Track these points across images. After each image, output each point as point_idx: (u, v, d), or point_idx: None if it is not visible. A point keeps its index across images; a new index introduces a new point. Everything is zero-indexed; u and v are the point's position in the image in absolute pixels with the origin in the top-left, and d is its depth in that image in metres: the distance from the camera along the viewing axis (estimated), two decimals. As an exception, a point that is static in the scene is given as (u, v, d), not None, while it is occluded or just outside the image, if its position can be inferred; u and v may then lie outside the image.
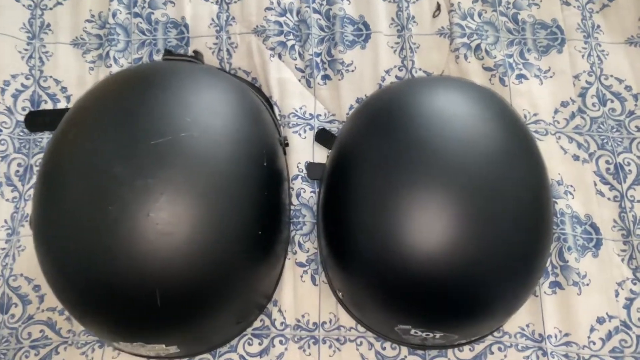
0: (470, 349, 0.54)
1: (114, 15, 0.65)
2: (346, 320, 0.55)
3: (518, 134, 0.51)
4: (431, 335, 0.49)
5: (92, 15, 0.67)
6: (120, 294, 0.45)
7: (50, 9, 0.67)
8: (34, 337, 0.56)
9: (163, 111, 0.47)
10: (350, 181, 0.50)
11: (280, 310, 0.56)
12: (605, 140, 0.60)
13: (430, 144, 0.48)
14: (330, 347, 0.55)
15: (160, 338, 0.48)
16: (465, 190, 0.46)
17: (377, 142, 0.50)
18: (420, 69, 0.63)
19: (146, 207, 0.43)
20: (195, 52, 0.58)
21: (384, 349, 0.55)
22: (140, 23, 0.66)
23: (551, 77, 0.62)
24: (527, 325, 0.55)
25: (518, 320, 0.55)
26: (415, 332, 0.49)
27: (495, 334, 0.55)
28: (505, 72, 0.61)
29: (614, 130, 0.60)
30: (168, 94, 0.49)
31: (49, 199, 0.47)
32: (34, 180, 0.61)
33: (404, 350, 0.54)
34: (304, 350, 0.54)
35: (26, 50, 0.65)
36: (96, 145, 0.46)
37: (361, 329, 0.55)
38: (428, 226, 0.46)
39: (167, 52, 0.58)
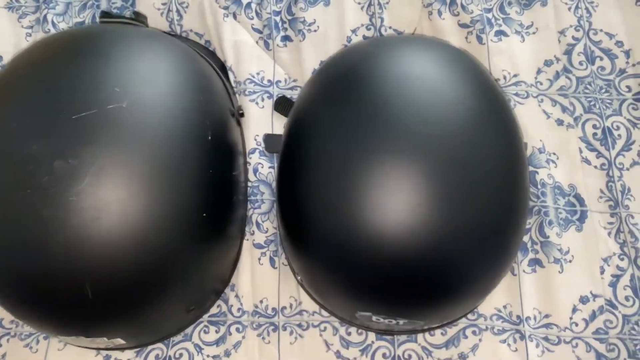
0: (442, 333, 0.50)
1: (51, -26, 0.59)
2: (309, 304, 0.51)
3: (491, 99, 0.46)
4: (394, 322, 0.45)
5: (28, -25, 0.60)
6: (48, 288, 0.41)
7: (-20, -31, 0.60)
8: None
9: (90, 81, 0.42)
10: (305, 154, 0.46)
11: (237, 296, 0.51)
12: (592, 103, 0.54)
13: (393, 111, 0.43)
14: (291, 333, 0.50)
15: (99, 331, 0.44)
16: (431, 162, 0.41)
17: (335, 110, 0.45)
18: (390, 27, 0.57)
19: (68, 191, 0.38)
20: (135, 13, 0.52)
21: (349, 334, 0.51)
22: (81, -18, 0.60)
23: (534, 33, 0.56)
24: (505, 307, 0.50)
25: (494, 302, 0.50)
26: (377, 319, 0.45)
27: (470, 316, 0.50)
28: (483, 29, 0.55)
29: (603, 91, 0.55)
30: (97, 61, 0.43)
31: None
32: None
33: (371, 335, 0.50)
34: (263, 338, 0.50)
35: (-45, 15, 0.59)
36: (13, 121, 0.41)
37: (325, 313, 0.51)
38: (390, 203, 0.41)
39: (104, 14, 0.52)
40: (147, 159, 0.41)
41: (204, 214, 0.44)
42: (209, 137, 0.45)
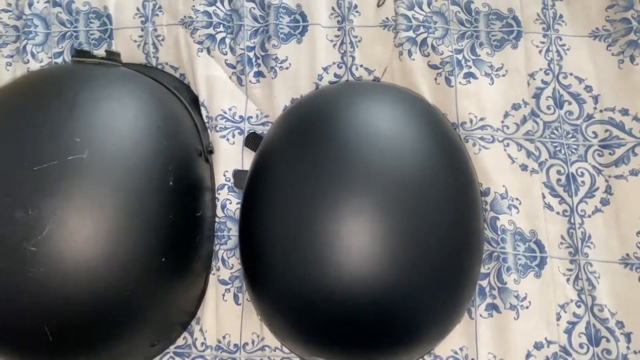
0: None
1: (30, 4, 0.60)
2: (271, 340, 0.53)
3: (447, 150, 0.48)
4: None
5: (9, 4, 0.61)
6: (11, 332, 0.42)
7: (-38, -2, 0.62)
8: None
9: (53, 131, 0.43)
10: (266, 195, 0.47)
11: (201, 330, 0.53)
12: (558, 148, 0.54)
13: (351, 159, 0.44)
14: (252, 369, 0.52)
15: None
16: (385, 209, 0.43)
17: (296, 155, 0.47)
18: (361, 66, 0.58)
19: (28, 241, 0.40)
20: (108, 52, 0.53)
21: (309, 371, 0.52)
22: (60, 13, 0.61)
23: (503, 75, 0.56)
24: (461, 349, 0.52)
25: (451, 344, 0.52)
26: (330, 364, 0.46)
27: (427, 357, 0.52)
28: (452, 71, 0.56)
29: (569, 136, 0.55)
30: (62, 110, 0.45)
31: None
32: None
33: (332, 373, 0.52)
34: (225, 373, 0.52)
35: (-63, 44, 0.60)
36: None
37: (286, 350, 0.52)
38: (344, 248, 0.43)
39: (78, 53, 0.53)
40: (105, 209, 0.42)
41: (163, 258, 0.46)
42: (170, 183, 0.47)
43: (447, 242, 0.44)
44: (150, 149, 0.46)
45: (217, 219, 0.55)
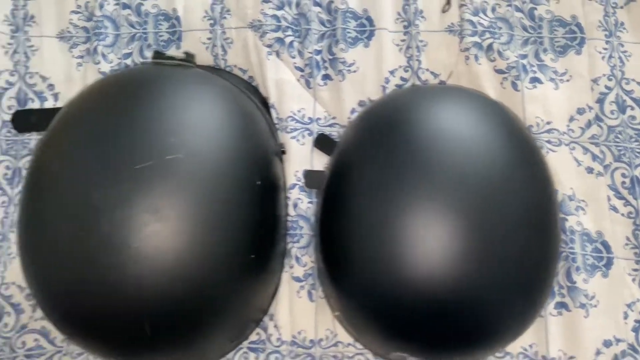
0: (467, 370, 0.53)
1: (101, 6, 0.61)
2: (344, 336, 0.54)
3: (524, 149, 0.49)
4: (427, 362, 0.47)
5: (79, 6, 0.63)
6: (109, 327, 0.44)
7: (34, -2, 0.63)
8: (28, 346, 0.55)
9: (147, 131, 0.44)
10: (348, 196, 0.48)
11: (276, 326, 0.54)
12: (622, 152, 0.56)
13: (432, 162, 0.46)
14: (326, 364, 0.53)
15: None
16: (467, 210, 0.44)
17: (379, 158, 0.48)
18: (427, 70, 0.59)
19: (129, 239, 0.41)
20: (186, 53, 0.54)
21: (381, 367, 0.53)
22: (130, 15, 0.62)
23: (568, 80, 0.58)
24: (530, 346, 0.53)
25: (521, 341, 0.53)
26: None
27: (497, 353, 0.53)
28: (519, 76, 0.57)
29: (633, 140, 0.56)
30: (153, 110, 0.46)
31: (31, 225, 0.45)
32: (22, 184, 0.59)
33: (402, 369, 0.53)
34: (300, 368, 0.53)
35: (10, 44, 0.61)
36: (75, 170, 0.43)
37: (360, 345, 0.54)
38: (426, 249, 0.44)
39: (157, 54, 0.54)
40: (202, 208, 0.44)
41: (252, 255, 0.47)
42: (258, 182, 0.48)
43: (530, 245, 0.46)
44: (239, 148, 0.48)
45: (289, 218, 0.56)
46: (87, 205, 0.42)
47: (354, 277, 0.47)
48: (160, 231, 0.42)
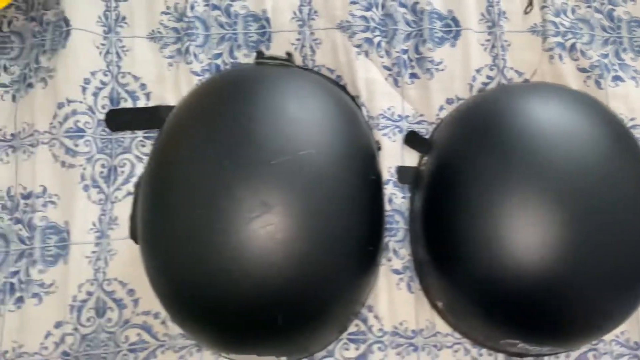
0: (566, 356, 0.55)
1: (192, 7, 0.63)
2: (442, 326, 0.56)
3: (628, 142, 0.50)
4: (539, 348, 0.49)
5: (168, 7, 0.64)
6: (244, 315, 0.45)
7: (125, 0, 0.64)
8: (131, 341, 0.56)
9: (273, 127, 0.46)
10: (456, 192, 0.50)
11: (376, 317, 0.56)
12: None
13: (536, 156, 0.47)
14: (428, 353, 0.55)
15: (276, 351, 0.49)
16: (574, 203, 0.46)
17: (483, 154, 0.50)
18: (512, 68, 0.62)
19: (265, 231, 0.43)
20: (288, 53, 0.56)
21: (480, 355, 0.55)
22: (219, 16, 0.64)
23: (648, 79, 0.60)
24: (622, 333, 0.55)
25: (612, 328, 0.55)
26: (523, 346, 0.49)
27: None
28: (602, 74, 0.60)
29: None
30: (278, 108, 0.47)
31: (162, 219, 0.46)
32: (118, 181, 0.60)
33: (501, 357, 0.55)
34: (403, 357, 0.55)
35: (103, 45, 0.62)
36: (210, 166, 0.45)
37: (457, 335, 0.56)
38: (537, 237, 0.46)
39: (259, 54, 0.55)
40: (331, 202, 0.45)
41: (371, 247, 0.49)
42: (373, 177, 0.50)
43: (633, 233, 0.48)
44: (356, 144, 0.50)
45: (385, 212, 0.58)
46: (227, 197, 0.43)
47: (465, 267, 0.49)
48: (293, 224, 0.43)
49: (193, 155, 0.46)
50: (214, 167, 0.45)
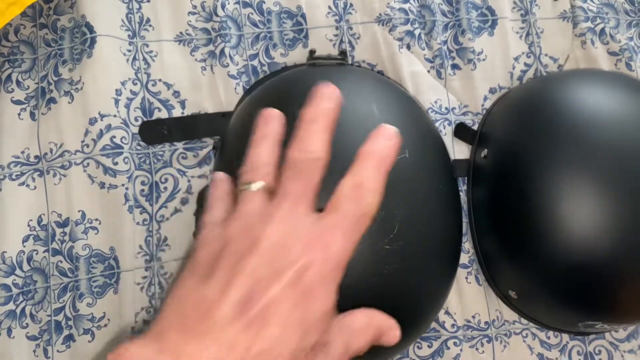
0: (623, 329, 0.58)
1: (222, 6, 0.59)
2: (509, 314, 0.57)
3: None
4: (616, 326, 0.51)
5: (194, 6, 0.59)
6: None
7: (148, 1, 0.58)
8: None
9: (368, 132, 0.44)
10: (527, 182, 0.51)
11: (448, 313, 0.56)
12: None
13: (603, 142, 0.49)
14: (500, 342, 0.56)
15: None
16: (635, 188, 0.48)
17: (549, 144, 0.50)
18: (546, 55, 0.63)
19: (383, 240, 0.41)
20: (342, 52, 0.54)
21: (548, 338, 0.57)
22: (251, 14, 0.60)
23: (671, 59, 0.63)
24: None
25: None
26: (602, 326, 0.51)
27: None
28: (631, 57, 0.62)
29: None
30: (365, 111, 0.45)
31: None
32: (162, 199, 0.56)
33: (565, 336, 0.57)
34: (477, 349, 0.56)
35: (129, 51, 0.57)
36: None
37: (524, 321, 0.57)
38: (606, 221, 0.47)
39: (312, 54, 0.53)
40: (432, 204, 0.45)
41: (459, 249, 0.49)
42: (455, 175, 0.49)
43: None
44: (438, 142, 0.49)
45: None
46: None
47: (544, 254, 0.50)
48: (405, 230, 0.42)
49: None
50: None
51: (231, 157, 0.46)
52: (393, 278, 0.42)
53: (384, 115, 0.45)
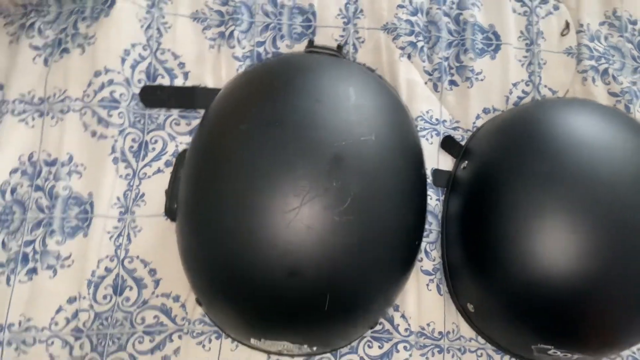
0: (583, 367, 0.56)
1: (239, -8, 0.62)
2: (466, 330, 0.56)
3: None
4: (569, 356, 0.50)
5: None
6: (284, 298, 0.44)
7: (171, -23, 0.63)
8: (147, 323, 0.54)
9: (342, 112, 0.46)
10: (498, 198, 0.50)
11: (403, 316, 0.55)
12: None
13: (577, 167, 0.48)
14: (453, 356, 0.55)
15: (306, 340, 0.47)
16: (612, 214, 0.47)
17: (526, 164, 0.50)
18: (545, 86, 0.63)
19: (333, 210, 0.42)
20: (339, 46, 0.56)
21: (503, 362, 0.55)
22: (265, 5, 0.63)
23: (673, 108, 0.63)
24: (639, 349, 0.56)
25: (632, 345, 0.56)
26: (554, 352, 0.50)
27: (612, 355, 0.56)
28: (631, 100, 0.62)
29: None
30: (343, 94, 0.47)
31: (213, 198, 0.44)
32: (148, 158, 0.58)
33: (523, 365, 0.55)
34: (427, 358, 0.54)
35: (145, 18, 0.61)
36: (278, 150, 0.43)
37: (481, 340, 0.56)
38: (576, 248, 0.46)
39: (311, 43, 0.55)
40: (388, 190, 0.45)
41: (417, 242, 0.49)
42: (423, 172, 0.50)
43: None
44: (411, 136, 0.50)
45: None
46: (296, 178, 0.42)
47: (504, 270, 0.49)
48: (357, 205, 0.43)
49: (254, 135, 0.44)
50: (276, 146, 0.43)
51: (212, 123, 0.48)
52: (338, 251, 0.42)
53: (360, 100, 0.47)
